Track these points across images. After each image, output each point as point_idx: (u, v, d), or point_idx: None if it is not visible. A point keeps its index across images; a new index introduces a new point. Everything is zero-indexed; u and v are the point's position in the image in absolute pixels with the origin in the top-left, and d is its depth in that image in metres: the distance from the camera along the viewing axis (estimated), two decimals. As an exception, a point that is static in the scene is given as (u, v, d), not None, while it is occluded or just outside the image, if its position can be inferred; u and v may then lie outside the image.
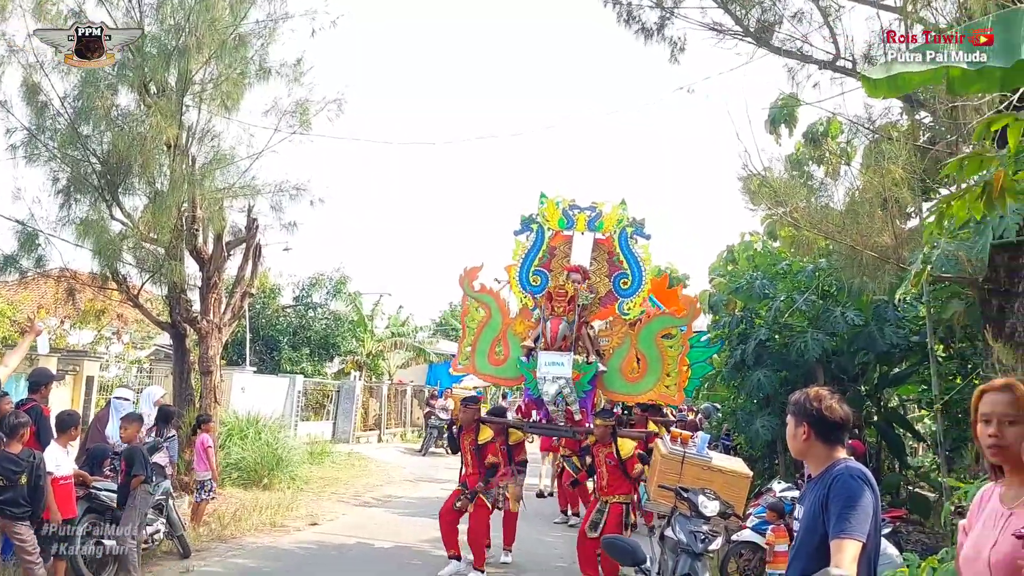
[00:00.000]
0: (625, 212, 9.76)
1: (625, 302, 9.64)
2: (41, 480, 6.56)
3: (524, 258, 9.97)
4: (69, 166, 12.33)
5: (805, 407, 3.32)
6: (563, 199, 9.95)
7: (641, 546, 4.01)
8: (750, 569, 8.94)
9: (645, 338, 9.51)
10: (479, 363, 10.10)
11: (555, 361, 9.13)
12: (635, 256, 9.69)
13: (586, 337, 9.59)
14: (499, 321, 10.07)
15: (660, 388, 9.43)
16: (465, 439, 9.50)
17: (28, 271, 13.40)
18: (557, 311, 9.37)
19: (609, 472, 8.63)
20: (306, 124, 13.50)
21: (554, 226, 9.95)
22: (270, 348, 25.49)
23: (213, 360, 13.56)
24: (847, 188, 10.61)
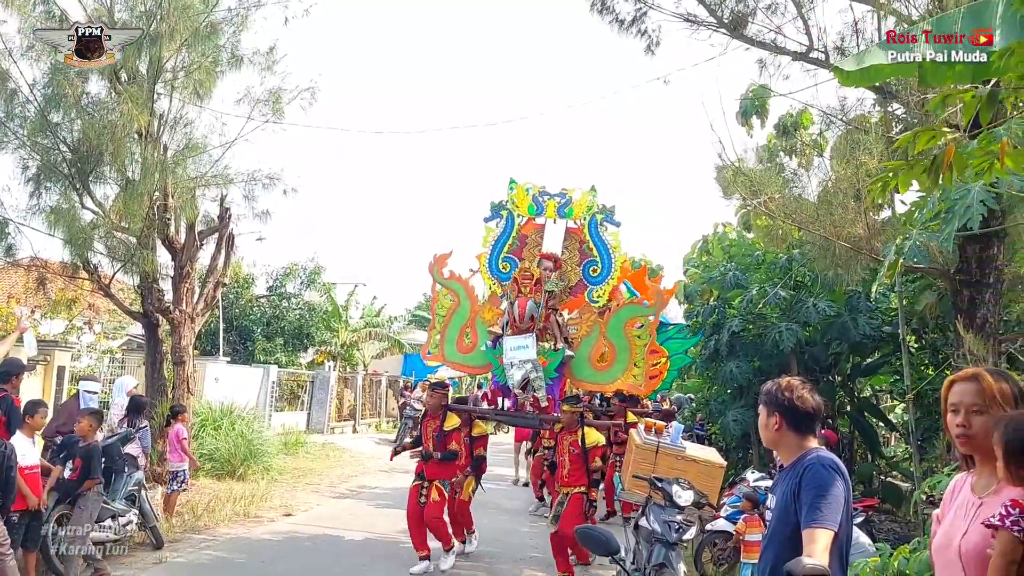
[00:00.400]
0: (595, 199, 9.68)
1: (594, 290, 9.56)
2: (12, 471, 6.47)
3: (494, 245, 9.87)
4: (39, 154, 12.16)
5: (777, 397, 3.33)
6: (533, 185, 9.87)
7: (615, 536, 4.01)
8: (724, 558, 9.01)
9: (614, 327, 9.39)
10: (448, 351, 10.00)
11: (520, 345, 9.02)
12: (605, 243, 9.59)
13: (555, 324, 9.48)
14: (468, 308, 9.98)
15: (628, 378, 9.31)
16: (429, 425, 9.26)
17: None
18: (524, 292, 9.36)
19: (571, 461, 8.46)
20: (279, 113, 13.40)
21: (524, 212, 9.87)
22: (243, 338, 25.30)
23: (186, 350, 13.44)
24: (820, 179, 10.70)
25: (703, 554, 9.08)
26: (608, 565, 8.77)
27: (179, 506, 10.70)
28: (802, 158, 11.65)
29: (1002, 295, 8.34)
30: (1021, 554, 2.63)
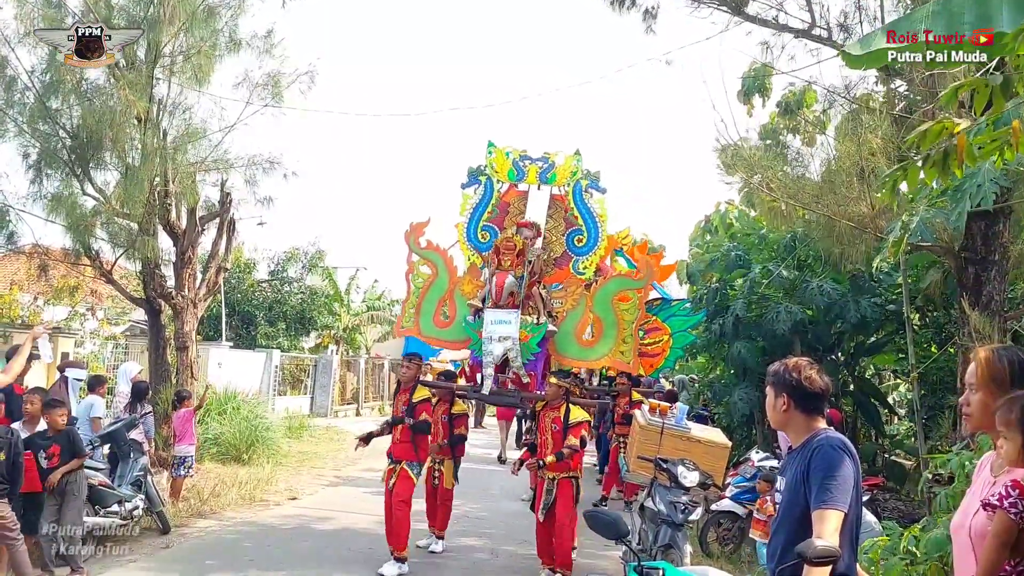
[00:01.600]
0: (580, 164, 9.10)
1: (580, 260, 9.02)
2: (19, 457, 6.50)
3: (472, 212, 9.31)
4: (39, 141, 12.15)
5: (784, 378, 3.31)
6: (513, 149, 9.31)
7: (623, 518, 4.02)
8: (729, 538, 9.05)
9: (601, 300, 8.80)
10: (424, 325, 9.33)
11: (501, 319, 8.41)
12: (591, 211, 9.05)
13: (537, 297, 8.86)
14: (446, 280, 9.32)
15: (615, 354, 8.75)
16: (399, 399, 8.53)
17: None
18: (504, 265, 8.63)
19: (554, 439, 7.75)
20: (278, 97, 13.38)
21: (504, 178, 9.32)
22: (246, 323, 25.32)
23: (189, 335, 13.47)
24: (824, 158, 10.64)
25: (708, 534, 9.11)
26: (602, 553, 8.77)
27: (185, 491, 10.73)
28: (805, 136, 11.60)
29: (1007, 272, 8.31)
30: (1015, 535, 2.64)
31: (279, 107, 13.53)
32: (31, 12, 11.81)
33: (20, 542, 6.50)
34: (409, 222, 9.49)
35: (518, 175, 9.27)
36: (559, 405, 7.82)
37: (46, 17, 11.79)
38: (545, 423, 7.88)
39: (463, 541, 9.41)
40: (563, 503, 7.68)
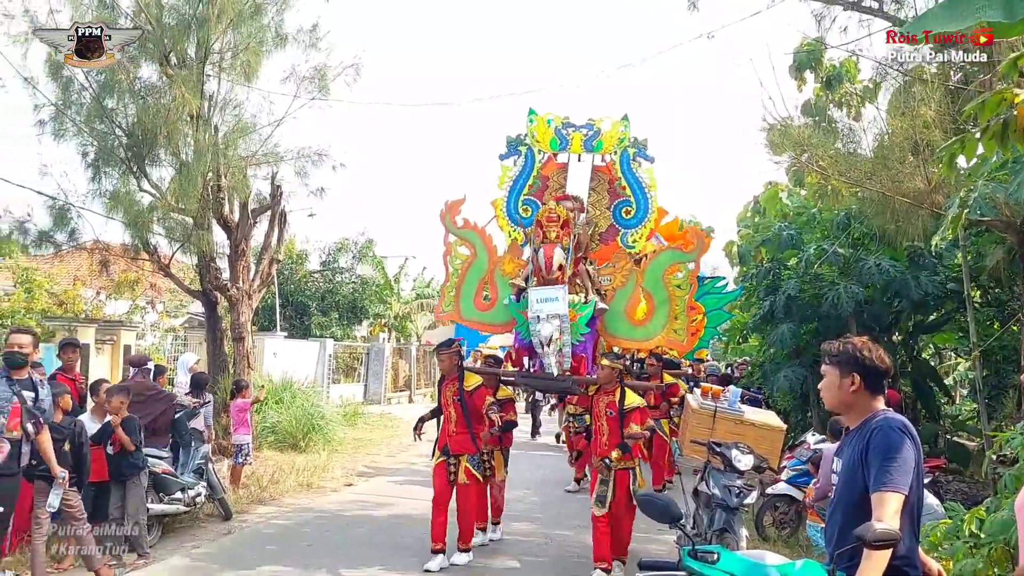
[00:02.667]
0: (627, 130, 8.50)
1: (629, 233, 8.48)
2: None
3: (512, 185, 8.75)
4: (96, 140, 12.44)
5: (856, 357, 3.23)
6: (555, 116, 8.70)
7: (676, 502, 4.00)
8: (786, 522, 8.96)
9: (652, 276, 8.24)
10: (464, 308, 8.79)
11: (548, 297, 7.75)
12: (639, 181, 8.46)
13: (584, 273, 8.30)
14: (485, 260, 8.74)
15: (668, 333, 8.22)
16: (447, 390, 8.07)
17: (63, 245, 13.62)
18: (550, 237, 8.02)
19: (609, 426, 7.38)
20: (324, 90, 13.53)
21: (546, 148, 8.72)
22: (300, 313, 25.70)
23: (244, 326, 13.72)
24: (876, 133, 10.41)
25: (764, 518, 9.04)
26: (655, 537, 8.73)
27: (245, 478, 10.95)
28: (852, 110, 11.35)
29: (1073, 247, 8.07)
30: None
31: (326, 99, 13.69)
32: (85, 14, 12.05)
33: (88, 529, 6.72)
34: (444, 201, 8.99)
35: (561, 144, 8.71)
36: (613, 389, 7.41)
37: (99, 18, 12.00)
38: (599, 408, 7.50)
39: (516, 526, 9.46)
40: (620, 495, 7.30)
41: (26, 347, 6.06)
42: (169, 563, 7.49)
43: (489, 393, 8.06)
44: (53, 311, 15.38)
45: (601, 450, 7.39)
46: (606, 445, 7.35)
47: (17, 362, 6.00)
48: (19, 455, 5.94)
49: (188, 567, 7.41)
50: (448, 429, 7.98)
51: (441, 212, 8.86)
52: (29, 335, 6.24)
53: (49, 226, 13.19)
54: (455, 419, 7.93)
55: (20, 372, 6.03)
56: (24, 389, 5.99)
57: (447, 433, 7.97)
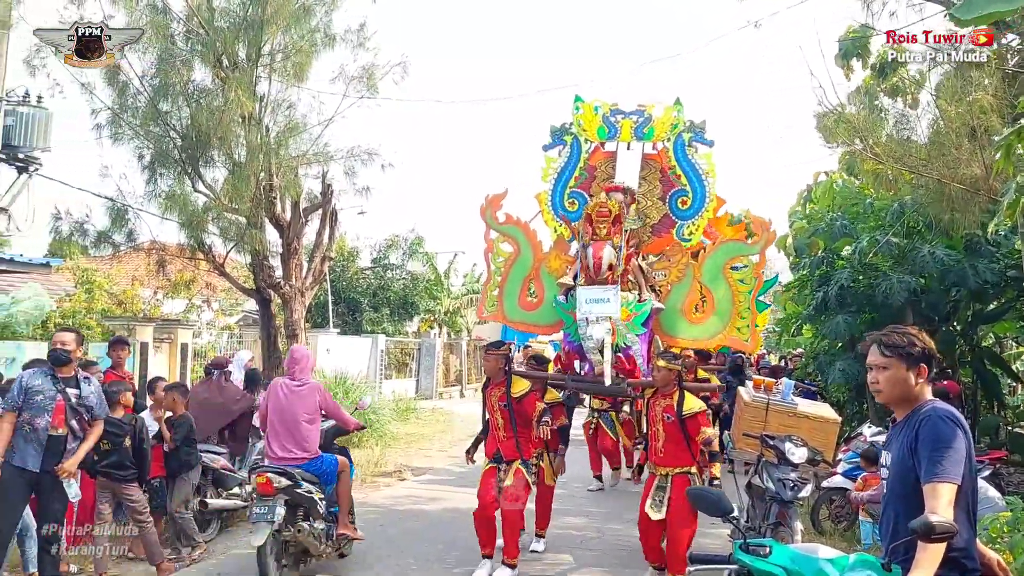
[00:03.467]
0: (680, 115, 7.97)
1: (685, 225, 7.95)
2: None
3: (557, 178, 8.25)
4: (152, 142, 12.72)
5: (921, 349, 3.18)
6: (603, 103, 8.21)
7: (727, 496, 3.99)
8: (842, 515, 8.85)
9: (711, 270, 7.81)
10: (508, 309, 8.38)
11: (598, 297, 7.25)
12: (695, 167, 7.93)
13: (636, 270, 7.78)
14: (530, 257, 8.31)
15: (731, 331, 7.71)
16: (492, 395, 7.53)
17: (120, 246, 13.97)
18: (600, 234, 7.43)
19: (666, 431, 6.80)
20: (373, 88, 13.67)
21: (593, 137, 8.22)
22: (352, 309, 25.99)
23: (298, 323, 13.94)
24: (931, 119, 10.20)
25: (820, 511, 8.93)
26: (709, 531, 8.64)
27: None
28: (906, 97, 11.11)
29: None
30: None
31: (374, 98, 13.82)
32: (139, 19, 12.33)
33: (151, 524, 6.89)
34: (484, 195, 8.53)
35: (610, 132, 8.18)
36: (671, 392, 6.86)
37: (153, 22, 12.30)
38: (655, 413, 6.95)
39: (567, 520, 9.47)
40: (678, 504, 6.63)
41: (69, 344, 6.16)
42: (225, 558, 7.66)
43: (539, 399, 7.52)
44: (112, 311, 15.77)
45: (659, 459, 6.89)
46: (662, 453, 6.86)
47: (62, 359, 6.11)
48: (62, 452, 6.05)
49: (244, 561, 7.57)
50: (497, 435, 7.50)
51: (481, 207, 8.48)
52: (72, 333, 6.36)
53: (107, 227, 13.55)
54: (502, 425, 7.45)
55: (65, 369, 6.15)
56: (68, 387, 6.12)
57: (496, 439, 7.50)
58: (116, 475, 6.67)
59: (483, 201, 8.46)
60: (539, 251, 8.37)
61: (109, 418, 6.69)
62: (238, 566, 7.30)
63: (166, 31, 12.39)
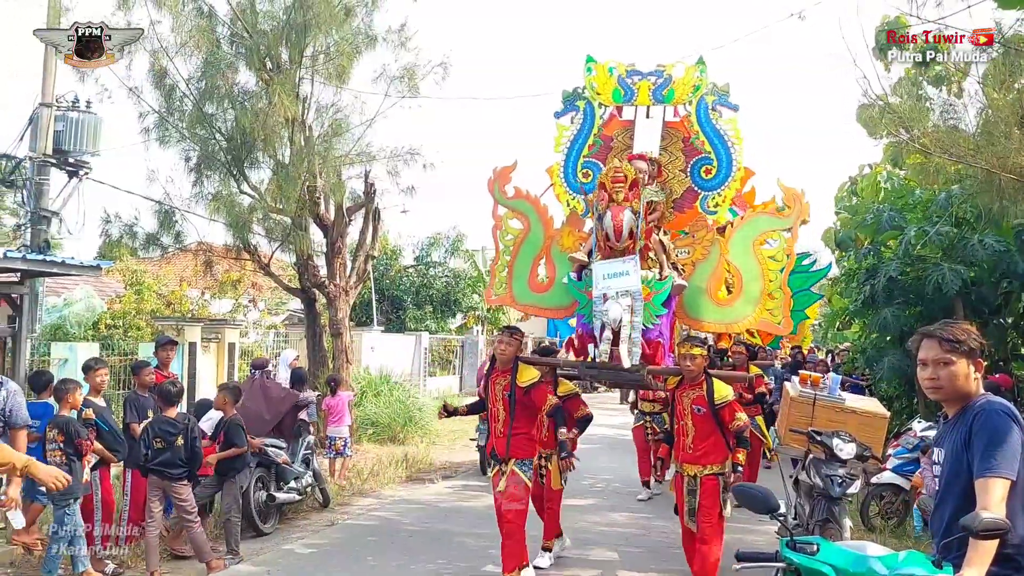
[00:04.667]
0: (703, 75, 7.21)
1: (710, 196, 7.24)
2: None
3: (570, 147, 7.55)
4: (198, 145, 12.92)
5: (981, 343, 3.14)
6: (618, 64, 7.45)
7: (773, 493, 3.96)
8: (892, 511, 8.73)
9: (738, 246, 7.10)
10: (518, 290, 7.72)
11: (616, 271, 6.51)
12: (720, 134, 7.20)
13: (657, 245, 6.97)
14: (540, 234, 7.66)
15: (761, 313, 7.01)
16: (496, 384, 6.72)
17: (169, 247, 14.24)
18: (617, 199, 6.68)
19: (696, 425, 6.27)
20: (414, 88, 13.69)
21: (607, 101, 7.48)
22: (395, 307, 26.19)
23: (342, 322, 14.07)
24: (979, 108, 10.00)
25: (870, 508, 8.82)
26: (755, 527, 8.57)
27: (345, 470, 11.27)
28: (952, 86, 10.89)
29: None
30: None
31: (415, 98, 13.88)
32: (184, 24, 12.54)
33: (198, 523, 7.02)
34: (492, 168, 7.90)
35: (626, 95, 7.43)
36: (699, 381, 6.30)
37: (198, 28, 12.48)
38: (683, 405, 6.37)
39: (612, 516, 9.47)
40: (707, 507, 6.21)
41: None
42: (277, 554, 7.79)
43: (550, 391, 6.83)
44: (161, 311, 16.08)
45: (687, 456, 6.35)
46: (692, 449, 6.31)
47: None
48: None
49: (296, 558, 7.69)
50: (496, 429, 6.75)
51: (489, 180, 7.85)
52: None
53: (156, 229, 13.81)
54: (502, 418, 6.67)
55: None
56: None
57: (495, 433, 6.77)
58: (167, 473, 6.81)
59: (490, 174, 7.89)
60: (550, 228, 7.73)
61: (163, 417, 6.84)
62: (288, 566, 7.42)
63: (211, 35, 12.58)
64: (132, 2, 12.25)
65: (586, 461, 9.88)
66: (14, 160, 10.88)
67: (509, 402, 6.60)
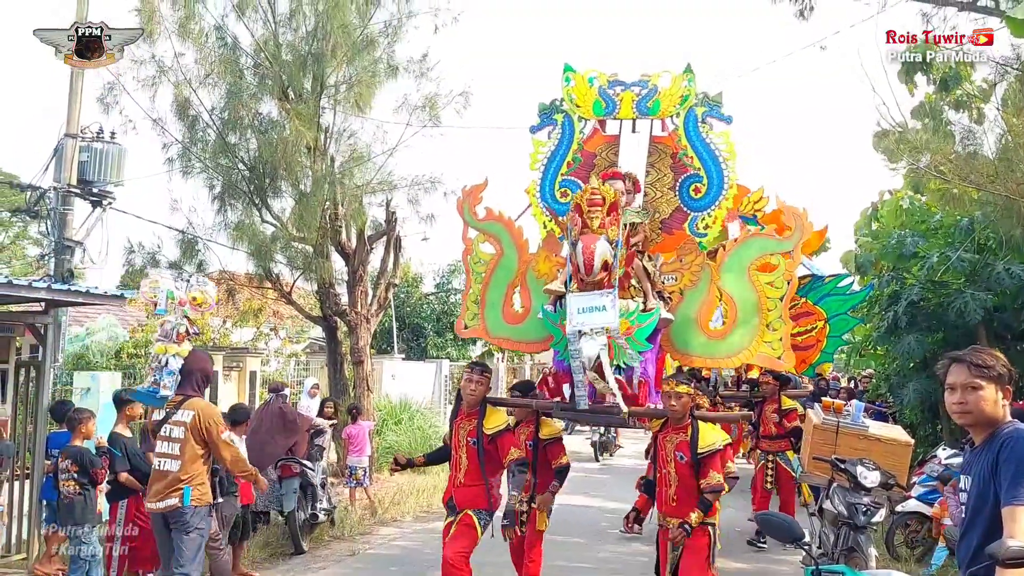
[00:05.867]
0: (692, 84, 6.64)
1: (699, 217, 6.64)
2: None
3: (546, 164, 6.99)
4: (221, 174, 13.07)
5: (1009, 369, 3.12)
6: (599, 73, 6.92)
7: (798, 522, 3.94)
8: (918, 540, 8.62)
9: (732, 272, 6.37)
10: (491, 322, 6.98)
11: (592, 305, 5.71)
12: (711, 148, 6.61)
13: (641, 272, 6.33)
14: (514, 259, 6.91)
15: (758, 346, 6.29)
16: (460, 428, 6.24)
17: (191, 276, 14.34)
18: (592, 226, 5.77)
19: (679, 474, 5.65)
20: (435, 118, 13.80)
21: (588, 114, 6.92)
22: (416, 335, 26.25)
23: (363, 350, 14.12)
24: (998, 134, 9.99)
25: (895, 537, 8.72)
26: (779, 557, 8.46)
27: (365, 499, 11.26)
28: (973, 112, 10.87)
29: None
30: None
31: (437, 127, 14.00)
32: (209, 55, 12.76)
33: (223, 552, 7.02)
34: (462, 187, 7.34)
35: (607, 107, 6.86)
36: (686, 425, 5.72)
37: (222, 59, 12.70)
38: (666, 451, 5.76)
39: (634, 546, 9.38)
40: (691, 562, 5.55)
41: None
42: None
43: (515, 442, 6.25)
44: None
45: (669, 508, 5.71)
46: (674, 501, 5.68)
47: None
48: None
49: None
50: (455, 478, 6.27)
51: (458, 201, 7.26)
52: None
53: (178, 258, 13.94)
54: (464, 467, 6.19)
55: None
56: None
57: (454, 482, 6.29)
58: (192, 500, 6.81)
59: (460, 194, 7.32)
60: (525, 252, 6.98)
61: None
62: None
63: (234, 66, 12.78)
64: (156, 35, 12.46)
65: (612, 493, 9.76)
66: (39, 190, 11.03)
67: (476, 450, 6.08)
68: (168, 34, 12.57)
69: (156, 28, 12.34)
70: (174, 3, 12.50)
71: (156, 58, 12.73)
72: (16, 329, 8.08)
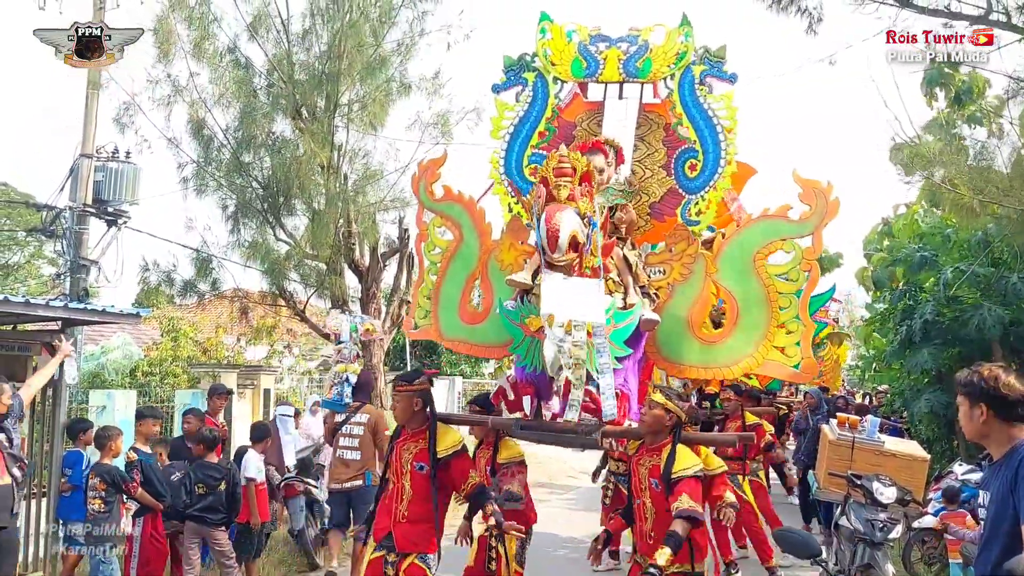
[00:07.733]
0: (689, 40, 5.45)
1: (692, 200, 5.45)
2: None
3: (513, 132, 5.77)
4: (235, 193, 13.17)
5: (980, 387, 3.12)
6: (580, 27, 5.73)
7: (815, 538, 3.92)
8: (935, 556, 8.55)
9: (733, 262, 5.23)
10: (446, 322, 5.90)
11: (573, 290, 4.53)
12: (708, 115, 5.40)
13: (621, 262, 5.23)
14: (475, 247, 5.79)
15: (768, 352, 5.10)
16: (404, 451, 5.01)
17: (205, 294, 14.44)
18: (559, 197, 4.57)
19: (655, 505, 4.71)
20: (448, 135, 13.86)
21: (565, 74, 5.71)
22: (429, 352, 26.26)
23: (377, 367, 14.13)
24: (1011, 149, 9.97)
25: (912, 553, 8.64)
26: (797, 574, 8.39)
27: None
28: (988, 126, 10.86)
29: None
30: None
31: (449, 144, 14.05)
32: (223, 75, 12.88)
33: (236, 570, 7.03)
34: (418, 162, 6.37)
35: (588, 68, 5.65)
36: (661, 446, 4.76)
37: (236, 79, 12.82)
38: (639, 476, 4.85)
39: None
40: None
41: None
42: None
43: (472, 466, 5.25)
44: (198, 358, 16.26)
45: (646, 544, 4.73)
46: (651, 536, 4.70)
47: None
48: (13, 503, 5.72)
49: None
50: (395, 511, 4.94)
51: (413, 178, 6.24)
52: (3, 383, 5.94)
53: (193, 276, 14.02)
54: (407, 498, 4.93)
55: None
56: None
57: (392, 514, 4.95)
58: (208, 519, 6.84)
59: (415, 170, 6.27)
60: (488, 239, 5.82)
61: (206, 462, 6.91)
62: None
63: (248, 86, 12.90)
64: (172, 55, 12.59)
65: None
66: (55, 210, 11.12)
67: (424, 478, 4.89)
68: (184, 54, 12.71)
69: (171, 48, 12.48)
70: (189, 24, 12.64)
71: (171, 78, 12.87)
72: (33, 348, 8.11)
